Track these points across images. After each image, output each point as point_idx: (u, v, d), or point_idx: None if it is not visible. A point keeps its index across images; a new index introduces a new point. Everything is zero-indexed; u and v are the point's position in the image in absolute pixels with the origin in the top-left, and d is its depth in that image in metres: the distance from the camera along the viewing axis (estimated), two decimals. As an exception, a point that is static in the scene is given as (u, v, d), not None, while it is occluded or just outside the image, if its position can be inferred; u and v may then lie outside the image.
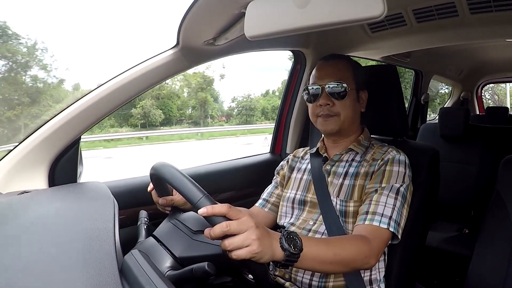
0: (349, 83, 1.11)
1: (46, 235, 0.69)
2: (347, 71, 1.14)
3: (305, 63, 1.73)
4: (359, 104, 1.16)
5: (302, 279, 1.08)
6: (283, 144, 1.86)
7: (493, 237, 1.09)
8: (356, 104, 1.15)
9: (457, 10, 1.39)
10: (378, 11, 0.65)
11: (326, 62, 1.17)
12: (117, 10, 42.52)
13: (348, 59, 1.21)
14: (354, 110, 1.14)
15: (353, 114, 1.14)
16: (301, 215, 1.18)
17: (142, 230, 0.96)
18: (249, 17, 0.80)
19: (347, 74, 1.13)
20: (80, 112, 1.09)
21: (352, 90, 1.12)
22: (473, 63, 3.50)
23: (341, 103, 1.11)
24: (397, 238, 1.00)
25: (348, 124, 1.14)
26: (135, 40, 39.23)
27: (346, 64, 1.16)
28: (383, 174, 1.07)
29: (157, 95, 25.05)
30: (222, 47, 1.21)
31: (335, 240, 0.94)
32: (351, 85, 1.12)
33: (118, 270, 0.59)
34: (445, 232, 2.16)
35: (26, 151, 1.06)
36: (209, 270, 0.71)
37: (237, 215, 0.71)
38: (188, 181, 0.76)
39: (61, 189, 1.05)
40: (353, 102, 1.13)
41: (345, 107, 1.12)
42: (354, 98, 1.14)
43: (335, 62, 1.17)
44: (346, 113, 1.12)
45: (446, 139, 2.39)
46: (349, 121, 1.14)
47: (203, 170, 1.60)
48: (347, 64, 1.17)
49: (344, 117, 1.12)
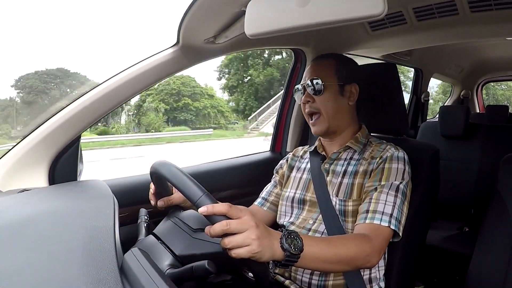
0: (327, 79, 1.13)
1: (46, 233, 0.69)
2: (327, 68, 1.16)
3: (305, 61, 1.73)
4: (343, 98, 1.16)
5: (302, 277, 1.08)
6: (283, 143, 1.86)
7: (493, 236, 1.09)
8: (339, 97, 1.15)
9: (458, 8, 1.39)
10: (379, 9, 0.65)
11: (313, 63, 1.22)
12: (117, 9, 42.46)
13: (333, 56, 1.22)
14: (336, 104, 1.14)
15: (335, 108, 1.15)
16: (300, 214, 1.19)
17: (142, 228, 0.96)
18: (250, 15, 0.80)
19: (326, 71, 1.15)
20: (80, 111, 1.09)
21: (331, 84, 1.14)
22: (473, 62, 3.50)
23: (319, 98, 1.14)
24: (398, 235, 1.00)
25: (334, 119, 1.15)
26: (134, 40, 39.16)
27: (328, 62, 1.19)
28: (382, 172, 1.06)
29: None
30: (223, 45, 1.21)
31: (336, 239, 0.94)
32: (330, 80, 1.14)
33: (118, 268, 0.59)
34: (445, 230, 2.16)
35: (27, 149, 1.07)
36: (209, 268, 0.71)
37: (238, 214, 0.72)
38: (188, 179, 0.76)
39: (61, 187, 1.05)
40: (334, 96, 1.14)
41: (324, 102, 1.14)
42: (335, 92, 1.14)
43: (319, 61, 1.21)
44: (326, 108, 1.14)
45: (446, 137, 2.39)
46: (334, 116, 1.15)
47: (204, 168, 1.60)
48: (329, 61, 1.19)
49: (326, 112, 1.14)
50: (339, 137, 1.19)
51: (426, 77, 3.16)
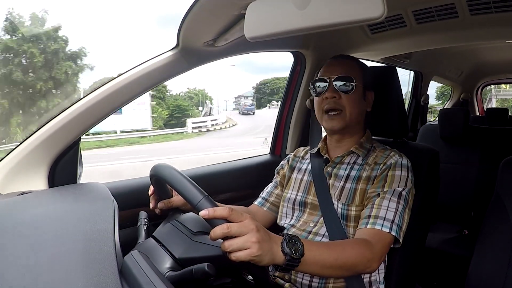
0: (357, 79, 1.12)
1: (46, 236, 0.69)
2: (356, 69, 1.15)
3: (305, 64, 1.73)
4: (365, 103, 1.16)
5: (302, 280, 1.08)
6: (283, 145, 1.86)
7: (493, 239, 1.09)
8: (362, 101, 1.15)
9: (457, 11, 1.39)
10: (378, 12, 0.65)
11: (335, 60, 1.19)
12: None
13: (356, 60, 1.22)
14: (360, 107, 1.14)
15: (358, 111, 1.14)
16: (301, 216, 1.18)
17: (142, 231, 0.96)
18: (249, 18, 0.80)
19: (355, 71, 1.14)
20: (80, 113, 1.09)
21: (359, 86, 1.13)
22: (473, 65, 3.50)
23: (347, 97, 1.11)
24: (398, 242, 1.00)
25: (353, 121, 1.14)
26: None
27: (354, 63, 1.18)
28: (385, 179, 1.06)
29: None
30: (222, 48, 1.21)
31: (337, 244, 0.93)
32: (359, 82, 1.13)
33: (118, 271, 0.59)
34: (445, 233, 2.16)
35: (26, 152, 1.06)
36: (208, 271, 0.71)
37: (239, 218, 0.71)
38: (188, 182, 0.76)
39: (61, 190, 1.04)
40: (360, 98, 1.14)
41: (351, 102, 1.11)
42: (360, 95, 1.14)
43: (344, 60, 1.19)
44: (351, 108, 1.11)
45: (446, 140, 2.39)
46: (355, 118, 1.14)
47: (203, 171, 1.60)
48: (355, 63, 1.19)
49: (350, 112, 1.11)
50: (348, 141, 1.18)
51: (425, 80, 3.16)
